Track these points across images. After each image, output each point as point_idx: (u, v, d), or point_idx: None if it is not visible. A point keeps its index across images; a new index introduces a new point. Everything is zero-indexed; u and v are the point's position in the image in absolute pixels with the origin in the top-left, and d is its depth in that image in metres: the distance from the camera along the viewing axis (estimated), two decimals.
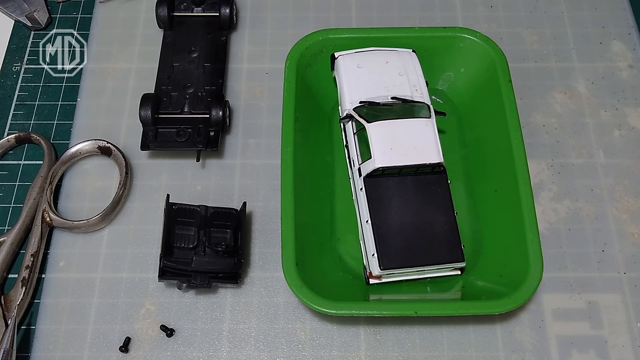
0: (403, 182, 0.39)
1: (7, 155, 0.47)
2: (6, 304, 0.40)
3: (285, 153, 0.40)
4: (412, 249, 0.38)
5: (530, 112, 0.48)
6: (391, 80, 0.42)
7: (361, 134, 0.40)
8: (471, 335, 0.40)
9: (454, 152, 0.45)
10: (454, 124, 0.46)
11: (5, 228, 0.43)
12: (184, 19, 0.49)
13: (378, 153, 0.39)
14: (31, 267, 0.41)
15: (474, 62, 0.45)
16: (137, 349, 0.40)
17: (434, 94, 0.47)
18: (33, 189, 0.44)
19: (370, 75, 0.43)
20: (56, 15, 0.52)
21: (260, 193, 0.45)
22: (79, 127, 0.47)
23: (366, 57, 0.43)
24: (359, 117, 0.40)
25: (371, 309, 0.37)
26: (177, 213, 0.41)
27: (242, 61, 0.50)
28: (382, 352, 0.39)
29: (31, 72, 0.50)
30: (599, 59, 0.50)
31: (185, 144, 0.44)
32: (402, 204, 0.39)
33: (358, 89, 0.42)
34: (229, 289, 0.41)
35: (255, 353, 0.40)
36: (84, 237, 0.43)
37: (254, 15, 0.52)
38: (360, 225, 0.41)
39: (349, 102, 0.42)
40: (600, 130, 0.47)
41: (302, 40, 0.45)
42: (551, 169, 0.45)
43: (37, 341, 0.40)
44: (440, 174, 0.40)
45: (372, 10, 0.52)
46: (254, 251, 0.43)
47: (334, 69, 0.44)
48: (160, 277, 0.39)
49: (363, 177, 0.40)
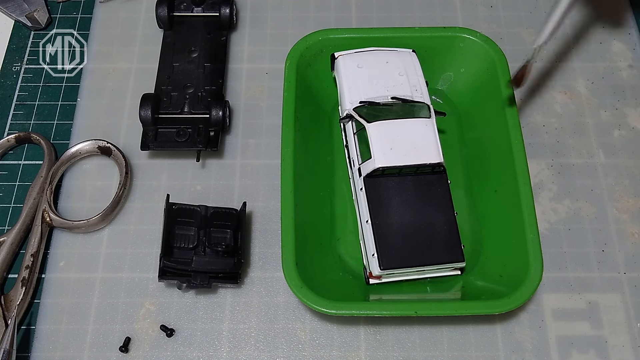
0: (403, 182, 0.39)
1: (7, 155, 0.47)
2: (6, 304, 0.40)
3: (285, 153, 0.40)
4: (412, 249, 0.38)
5: (530, 112, 0.48)
6: (391, 80, 0.42)
7: (361, 134, 0.40)
8: (471, 335, 0.40)
9: (454, 152, 0.45)
10: (454, 124, 0.46)
11: (5, 228, 0.43)
12: (184, 19, 0.49)
13: (378, 153, 0.39)
14: (31, 267, 0.41)
15: (474, 62, 0.45)
16: (137, 349, 0.40)
17: (434, 94, 0.47)
18: (33, 189, 0.44)
19: (370, 75, 0.43)
20: (56, 15, 0.52)
21: (260, 193, 0.45)
22: (79, 127, 0.47)
23: (366, 57, 0.43)
24: (359, 117, 0.40)
25: (371, 309, 0.37)
26: (177, 213, 0.41)
27: (242, 61, 0.50)
28: (382, 352, 0.39)
29: (31, 72, 0.50)
30: (599, 59, 0.50)
31: (185, 144, 0.44)
32: (402, 204, 0.39)
33: (358, 89, 0.42)
34: (229, 289, 0.41)
35: (255, 353, 0.40)
36: (84, 237, 0.43)
37: (254, 15, 0.52)
38: (360, 225, 0.41)
39: (349, 102, 0.42)
40: (600, 130, 0.47)
41: (302, 40, 0.45)
42: (551, 169, 0.45)
43: (37, 341, 0.40)
44: (440, 174, 0.40)
45: (372, 10, 0.52)
46: (253, 251, 0.43)
47: (334, 69, 0.44)
48: (160, 277, 0.39)
49: (363, 177, 0.40)
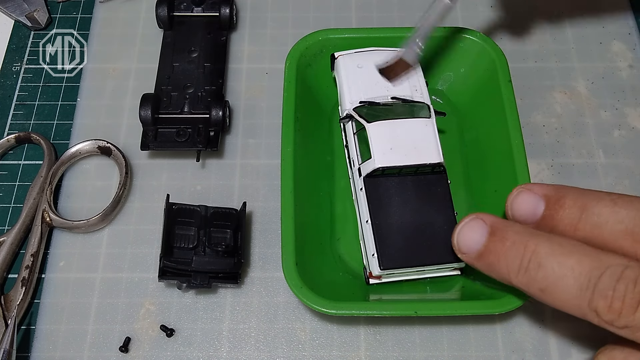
0: (403, 182, 0.39)
1: (7, 155, 0.47)
2: (6, 304, 0.40)
3: (285, 153, 0.40)
4: (412, 249, 0.38)
5: (530, 112, 0.48)
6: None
7: (361, 134, 0.40)
8: (471, 335, 0.40)
9: (454, 152, 0.45)
10: (454, 124, 0.46)
11: (5, 228, 0.43)
12: (184, 19, 0.49)
13: (378, 153, 0.39)
14: (31, 267, 0.41)
15: (473, 62, 0.45)
16: (137, 349, 0.40)
17: (434, 94, 0.47)
18: (33, 189, 0.44)
19: (370, 75, 0.43)
20: (56, 15, 0.52)
21: (260, 193, 0.45)
22: (79, 127, 0.47)
23: (366, 57, 0.43)
24: (358, 117, 0.40)
25: (371, 309, 0.37)
26: (177, 213, 0.41)
27: (242, 61, 0.50)
28: (382, 352, 0.39)
29: (31, 72, 0.50)
30: (599, 59, 0.50)
31: (185, 144, 0.44)
32: (402, 204, 0.39)
33: (358, 89, 0.42)
34: (229, 289, 0.41)
35: (255, 353, 0.40)
36: (84, 237, 0.43)
37: (254, 15, 0.52)
38: (360, 225, 0.41)
39: (349, 102, 0.42)
40: (600, 130, 0.47)
41: (302, 40, 0.45)
42: (551, 169, 0.45)
43: (37, 341, 0.40)
44: (441, 174, 0.40)
45: (372, 10, 0.52)
46: (254, 251, 0.43)
47: (334, 69, 0.44)
48: (160, 277, 0.39)
49: (363, 177, 0.40)
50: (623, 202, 0.32)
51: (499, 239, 0.33)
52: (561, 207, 0.33)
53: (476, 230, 0.34)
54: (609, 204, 0.32)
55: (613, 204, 0.32)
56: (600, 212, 0.32)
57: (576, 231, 0.33)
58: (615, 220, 0.32)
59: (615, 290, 0.30)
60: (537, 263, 0.32)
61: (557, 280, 0.31)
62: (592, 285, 0.30)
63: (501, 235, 0.33)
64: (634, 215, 0.32)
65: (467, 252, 0.35)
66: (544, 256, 0.32)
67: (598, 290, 0.30)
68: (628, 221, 0.32)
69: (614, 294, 0.30)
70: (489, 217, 0.34)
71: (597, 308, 0.30)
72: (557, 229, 0.33)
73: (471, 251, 0.34)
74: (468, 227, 0.35)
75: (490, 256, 0.33)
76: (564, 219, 0.33)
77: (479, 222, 0.34)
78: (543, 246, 0.32)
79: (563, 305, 0.32)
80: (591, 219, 0.32)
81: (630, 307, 0.29)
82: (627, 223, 0.32)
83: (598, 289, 0.30)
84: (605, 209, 0.32)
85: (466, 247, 0.35)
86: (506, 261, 0.33)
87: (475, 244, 0.34)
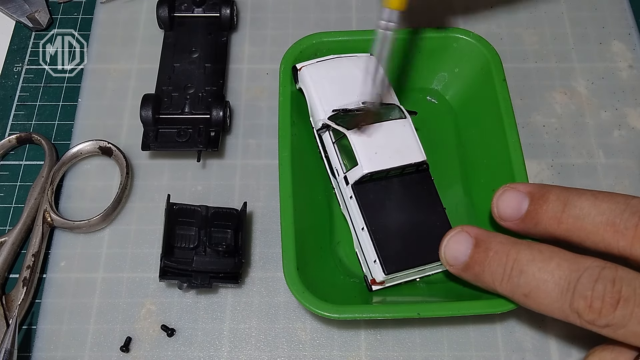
0: (390, 184, 0.40)
1: (8, 155, 0.47)
2: (7, 303, 0.40)
3: (282, 158, 0.40)
4: (411, 250, 0.38)
5: (530, 112, 0.48)
6: (359, 86, 0.41)
7: (341, 142, 0.40)
8: (471, 335, 0.40)
9: (450, 152, 0.45)
10: (450, 123, 0.46)
11: (7, 228, 0.44)
12: (185, 20, 0.49)
13: (364, 159, 0.39)
14: (32, 267, 0.41)
15: (468, 62, 0.45)
16: (138, 348, 0.40)
17: (429, 94, 0.47)
18: (34, 189, 0.44)
19: (336, 83, 0.42)
20: (57, 15, 0.52)
21: (260, 193, 0.45)
22: (80, 127, 0.47)
23: (329, 65, 0.43)
24: (336, 125, 0.40)
25: (374, 312, 0.37)
26: (178, 213, 0.41)
27: (242, 61, 0.50)
28: (383, 352, 0.39)
29: (32, 73, 0.50)
30: (598, 59, 0.50)
31: (186, 144, 0.44)
32: (394, 206, 0.39)
33: (328, 98, 0.42)
34: (230, 289, 0.42)
35: (255, 353, 0.40)
36: (85, 237, 0.43)
37: (255, 15, 0.52)
38: (354, 234, 0.40)
39: (322, 112, 0.41)
40: (600, 130, 0.47)
41: (296, 43, 0.44)
42: (551, 169, 0.45)
43: (38, 341, 0.40)
44: (424, 172, 0.40)
45: (372, 11, 0.52)
46: (254, 251, 0.43)
47: (297, 81, 0.43)
48: (161, 277, 0.39)
49: (351, 184, 0.39)
50: (604, 196, 0.33)
51: (483, 249, 0.34)
52: (545, 202, 0.34)
53: (462, 243, 0.35)
54: (591, 197, 0.33)
55: (594, 198, 0.33)
56: (582, 205, 0.33)
57: (560, 224, 0.34)
58: (596, 212, 0.33)
59: (594, 290, 0.31)
60: (519, 270, 0.33)
61: (539, 284, 0.32)
62: (572, 287, 0.31)
63: (485, 246, 0.34)
64: (614, 208, 0.32)
65: (454, 264, 0.36)
66: (525, 263, 0.33)
67: (578, 292, 0.31)
68: (609, 213, 0.32)
69: (592, 294, 0.31)
70: (473, 230, 0.35)
71: (578, 309, 0.31)
72: (541, 223, 0.34)
73: (458, 263, 0.35)
74: (454, 240, 0.36)
75: (476, 267, 0.35)
76: (547, 212, 0.34)
77: (464, 234, 0.35)
78: (524, 254, 0.33)
79: (546, 309, 0.33)
80: (573, 211, 0.33)
81: (610, 306, 0.30)
82: (608, 215, 0.32)
83: (577, 290, 0.31)
84: (587, 202, 0.33)
85: (453, 259, 0.36)
86: (490, 270, 0.34)
87: (461, 255, 0.35)
